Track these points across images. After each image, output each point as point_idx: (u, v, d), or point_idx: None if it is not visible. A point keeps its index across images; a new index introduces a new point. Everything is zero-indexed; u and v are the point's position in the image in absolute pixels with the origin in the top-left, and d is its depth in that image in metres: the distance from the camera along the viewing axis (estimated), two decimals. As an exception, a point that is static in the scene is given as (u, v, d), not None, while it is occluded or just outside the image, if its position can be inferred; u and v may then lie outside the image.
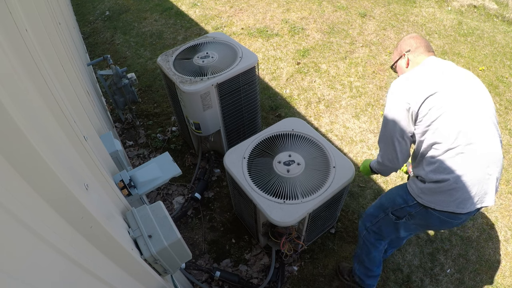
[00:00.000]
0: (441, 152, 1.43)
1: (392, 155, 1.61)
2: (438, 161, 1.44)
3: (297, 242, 2.02)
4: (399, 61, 1.73)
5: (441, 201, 1.46)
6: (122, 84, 2.79)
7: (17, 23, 0.81)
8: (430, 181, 1.48)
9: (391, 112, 1.54)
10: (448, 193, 1.43)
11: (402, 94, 1.51)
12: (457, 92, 1.44)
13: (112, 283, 0.89)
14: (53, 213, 0.67)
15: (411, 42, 1.68)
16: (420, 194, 1.53)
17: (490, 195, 1.45)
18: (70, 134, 0.95)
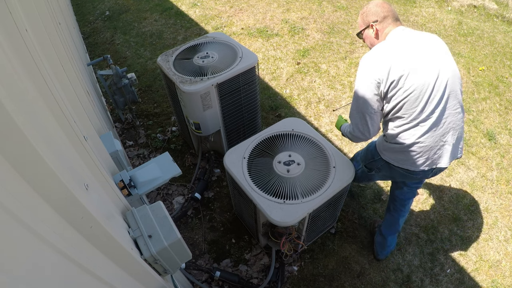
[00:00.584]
0: (403, 123, 1.61)
1: (364, 128, 1.72)
2: (399, 129, 1.64)
3: (297, 242, 2.02)
4: (366, 30, 1.74)
5: (398, 159, 1.72)
6: (122, 84, 2.79)
7: (17, 23, 0.81)
8: (390, 142, 1.70)
9: (362, 89, 1.62)
10: (404, 154, 1.67)
11: (372, 71, 1.58)
12: (424, 71, 1.53)
13: (112, 283, 0.89)
14: (53, 213, 0.67)
15: (377, 11, 1.67)
16: (383, 151, 1.77)
17: (444, 158, 1.67)
18: (70, 134, 0.95)
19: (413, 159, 1.66)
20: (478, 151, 2.99)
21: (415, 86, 1.52)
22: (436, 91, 1.54)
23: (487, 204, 2.64)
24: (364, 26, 1.74)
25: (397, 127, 1.64)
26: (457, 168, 2.87)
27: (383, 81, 1.55)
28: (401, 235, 2.48)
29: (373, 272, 2.31)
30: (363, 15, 1.73)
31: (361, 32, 1.78)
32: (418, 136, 1.60)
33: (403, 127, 1.62)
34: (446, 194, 2.71)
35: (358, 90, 1.63)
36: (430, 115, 1.56)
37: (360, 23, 1.76)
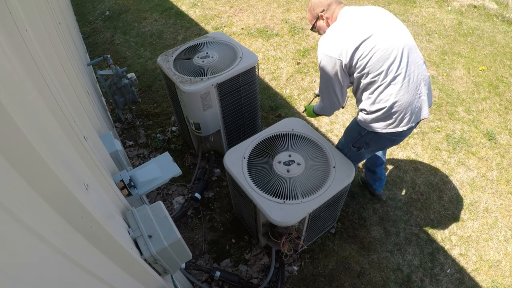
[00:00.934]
0: (376, 86, 1.68)
1: (334, 99, 1.85)
2: (374, 95, 1.70)
3: (297, 242, 2.02)
4: (317, 23, 1.86)
5: (385, 124, 1.76)
6: (122, 84, 2.79)
7: (17, 23, 0.81)
8: (371, 112, 1.75)
9: (326, 70, 1.73)
10: (388, 117, 1.73)
11: (331, 51, 1.67)
12: (380, 33, 1.63)
13: (112, 283, 0.89)
14: (53, 213, 0.67)
15: (321, 2, 1.79)
16: (368, 124, 1.82)
17: (424, 109, 1.77)
18: (70, 134, 0.95)
19: (400, 119, 1.73)
20: (478, 151, 2.99)
21: (375, 48, 1.61)
22: (396, 49, 1.63)
23: (487, 204, 2.64)
24: (314, 20, 1.87)
25: (372, 93, 1.71)
26: (457, 168, 2.87)
27: (343, 55, 1.65)
28: (401, 235, 2.48)
29: (373, 272, 2.31)
30: (310, 10, 1.86)
31: (313, 26, 1.90)
32: (395, 94, 1.66)
33: (378, 91, 1.69)
34: (446, 194, 2.71)
35: (323, 71, 1.75)
36: (398, 71, 1.64)
37: (310, 18, 1.89)
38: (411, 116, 1.73)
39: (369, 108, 1.76)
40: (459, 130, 3.14)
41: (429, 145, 3.04)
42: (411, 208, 2.62)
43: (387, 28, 1.65)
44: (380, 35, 1.62)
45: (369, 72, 1.65)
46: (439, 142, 3.06)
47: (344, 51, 1.64)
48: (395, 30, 1.66)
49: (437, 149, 3.01)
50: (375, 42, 1.61)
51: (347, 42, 1.63)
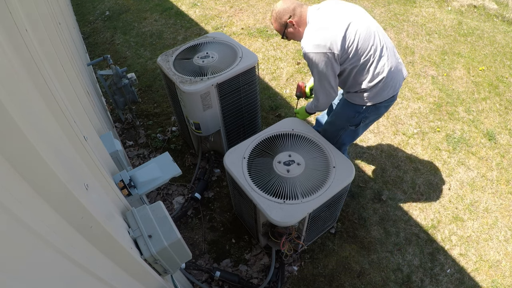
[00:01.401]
0: (370, 63, 1.83)
1: (330, 91, 1.93)
2: (371, 71, 1.85)
3: (297, 242, 2.02)
4: (287, 30, 1.91)
5: (385, 94, 1.93)
6: (122, 84, 2.79)
7: (17, 23, 0.81)
8: (372, 87, 1.89)
9: (320, 66, 1.80)
10: (387, 85, 1.90)
11: (320, 47, 1.75)
12: (355, 20, 1.78)
13: (112, 283, 0.89)
14: (53, 213, 0.67)
15: (286, 8, 1.85)
16: (368, 100, 1.95)
17: (403, 69, 2.01)
18: (70, 134, 0.95)
19: (394, 83, 1.93)
20: (478, 151, 2.99)
21: (358, 31, 1.77)
22: (370, 26, 1.82)
23: (487, 204, 2.64)
24: (283, 28, 1.91)
25: (368, 70, 1.86)
26: (457, 168, 2.87)
27: (334, 47, 1.75)
28: (401, 235, 2.48)
29: (373, 272, 2.31)
30: (277, 20, 1.90)
31: (283, 34, 1.95)
32: (387, 64, 1.86)
33: (373, 66, 1.85)
34: (446, 194, 2.71)
35: (317, 69, 1.83)
36: (380, 44, 1.84)
37: (278, 28, 1.94)
38: (398, 79, 1.95)
39: (368, 85, 1.89)
40: (459, 130, 3.14)
41: (429, 145, 3.04)
42: (411, 208, 2.62)
43: (356, 13, 1.83)
44: (356, 20, 1.79)
45: (362, 53, 1.80)
46: (439, 142, 3.06)
47: (333, 43, 1.75)
48: (360, 13, 1.86)
49: (437, 149, 3.01)
50: (356, 27, 1.77)
51: (332, 34, 1.75)
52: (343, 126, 2.16)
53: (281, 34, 1.97)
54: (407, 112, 3.30)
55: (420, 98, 3.44)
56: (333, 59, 1.78)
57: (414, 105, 3.37)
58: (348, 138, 2.23)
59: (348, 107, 2.06)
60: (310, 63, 1.84)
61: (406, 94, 3.47)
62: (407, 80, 3.62)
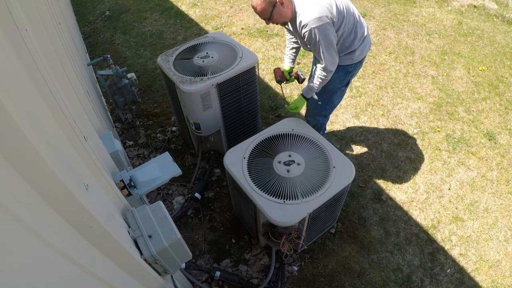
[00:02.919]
0: (355, 25, 2.06)
1: (335, 56, 2.05)
2: (356, 31, 2.08)
3: (297, 242, 2.02)
4: (274, 10, 1.90)
5: (367, 48, 2.22)
6: (122, 84, 2.79)
7: (17, 23, 0.81)
8: (359, 45, 2.12)
9: (327, 36, 1.91)
10: (368, 40, 2.20)
11: (322, 19, 1.87)
12: None
13: (112, 283, 0.89)
14: (53, 213, 0.67)
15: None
16: (356, 57, 2.17)
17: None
18: (70, 134, 0.95)
19: (369, 37, 2.22)
20: (478, 151, 2.99)
21: (339, 1, 1.97)
22: None
23: (487, 204, 2.64)
24: (271, 9, 1.90)
25: (355, 31, 2.07)
26: (457, 168, 2.87)
27: (330, 15, 1.90)
28: (401, 235, 2.48)
29: (373, 272, 2.31)
30: (264, 1, 1.88)
31: (270, 16, 1.93)
32: (363, 22, 2.14)
33: (356, 27, 2.06)
34: (446, 194, 2.71)
35: (325, 39, 1.93)
36: (353, 7, 2.08)
37: (265, 8, 1.90)
38: (368, 34, 2.21)
39: (357, 44, 2.11)
40: (459, 130, 3.14)
41: (429, 145, 3.04)
42: (411, 208, 2.62)
43: None
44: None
45: (349, 18, 2.00)
46: (439, 142, 3.06)
47: (330, 13, 1.90)
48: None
49: (437, 149, 3.01)
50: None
51: (327, 5, 1.90)
52: (336, 90, 2.33)
53: (266, 16, 1.94)
54: (407, 112, 3.30)
55: (420, 98, 3.44)
56: (332, 26, 1.93)
57: (414, 105, 3.37)
58: (338, 100, 2.46)
59: (338, 70, 2.18)
60: (315, 37, 1.92)
61: (406, 94, 3.47)
62: (407, 80, 3.62)
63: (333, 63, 2.07)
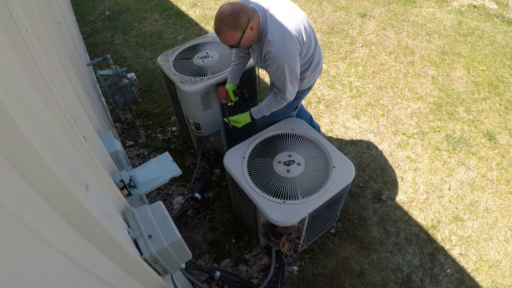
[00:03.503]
0: (311, 53, 1.97)
1: (295, 89, 1.96)
2: (313, 60, 2.00)
3: (297, 242, 2.02)
4: (244, 36, 1.70)
5: (318, 74, 2.16)
6: (122, 84, 2.79)
7: (17, 23, 0.81)
8: (309, 74, 2.05)
9: (293, 67, 1.81)
10: (321, 67, 2.15)
11: (293, 48, 1.76)
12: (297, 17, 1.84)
13: (112, 283, 0.89)
14: (53, 213, 0.67)
15: (243, 10, 1.65)
16: (304, 85, 2.11)
17: None
18: (70, 134, 0.95)
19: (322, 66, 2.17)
20: (478, 151, 2.99)
21: (303, 25, 1.84)
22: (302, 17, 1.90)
23: (487, 204, 2.64)
24: (240, 34, 1.69)
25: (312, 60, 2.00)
26: (457, 168, 2.87)
27: (300, 46, 1.80)
28: (401, 235, 2.48)
29: (373, 272, 2.31)
30: (234, 24, 1.65)
31: (239, 43, 1.72)
32: (318, 48, 2.07)
33: (312, 58, 1.99)
34: (446, 194, 2.71)
35: (291, 70, 1.82)
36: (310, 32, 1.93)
37: (234, 33, 1.68)
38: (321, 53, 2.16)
39: (309, 73, 2.03)
40: (459, 130, 3.14)
41: (429, 145, 3.04)
42: (411, 208, 2.62)
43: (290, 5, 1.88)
44: (296, 13, 1.84)
45: (310, 48, 1.91)
46: (439, 142, 3.06)
47: (299, 43, 1.79)
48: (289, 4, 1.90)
49: (437, 149, 3.01)
50: (301, 22, 1.82)
51: (297, 34, 1.77)
52: (284, 116, 2.24)
53: (234, 43, 1.73)
54: (407, 112, 3.30)
55: (420, 98, 3.44)
56: (299, 55, 1.85)
57: (414, 105, 3.37)
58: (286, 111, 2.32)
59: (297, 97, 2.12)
60: (282, 69, 1.78)
61: (406, 94, 3.47)
62: (407, 80, 3.62)
63: (293, 94, 1.97)
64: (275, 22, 1.74)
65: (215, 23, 1.69)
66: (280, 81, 1.86)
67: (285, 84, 1.87)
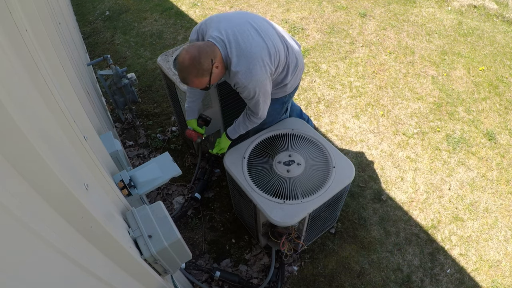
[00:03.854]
0: (286, 63, 1.87)
1: (266, 110, 1.90)
2: (289, 68, 1.91)
3: (297, 242, 2.02)
4: (212, 77, 1.63)
5: (300, 74, 2.07)
6: (122, 84, 2.78)
7: (17, 23, 0.81)
8: (291, 79, 1.96)
9: (265, 90, 1.74)
10: (301, 68, 2.04)
11: (262, 74, 1.67)
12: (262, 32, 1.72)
13: (112, 283, 0.89)
14: (53, 213, 0.67)
15: (204, 53, 1.56)
16: (289, 89, 2.04)
17: (296, 42, 2.03)
18: (70, 134, 0.95)
19: (302, 62, 2.05)
20: (478, 151, 2.99)
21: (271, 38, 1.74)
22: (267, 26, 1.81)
23: (487, 204, 2.64)
24: (208, 76, 1.62)
25: (288, 68, 1.91)
26: (457, 168, 2.87)
27: (270, 68, 1.72)
28: (401, 235, 2.48)
29: (373, 272, 2.31)
30: (199, 70, 1.58)
31: (210, 83, 1.66)
32: (295, 51, 1.94)
33: (287, 65, 1.89)
34: (446, 194, 2.71)
35: (263, 94, 1.75)
36: (282, 40, 1.85)
37: (203, 79, 1.62)
38: (300, 53, 2.06)
39: (289, 78, 1.95)
40: (459, 130, 3.14)
41: (429, 145, 3.04)
42: (411, 208, 2.62)
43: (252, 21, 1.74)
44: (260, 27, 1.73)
45: (281, 58, 1.80)
46: (439, 142, 3.06)
47: (268, 65, 1.69)
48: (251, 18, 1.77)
49: (437, 149, 3.01)
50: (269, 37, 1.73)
51: (263, 57, 1.66)
52: (276, 121, 2.22)
53: (205, 85, 1.65)
54: (407, 112, 3.30)
55: (420, 98, 3.44)
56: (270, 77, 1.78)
57: (414, 105, 3.37)
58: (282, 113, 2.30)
59: (273, 102, 2.04)
60: (254, 94, 1.71)
61: (406, 94, 3.47)
62: (407, 80, 3.62)
63: (266, 111, 1.92)
64: (238, 49, 1.63)
65: (179, 74, 1.62)
66: (252, 103, 1.81)
67: (258, 106, 1.82)
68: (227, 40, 1.64)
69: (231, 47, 1.64)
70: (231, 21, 1.71)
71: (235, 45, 1.64)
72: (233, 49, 1.64)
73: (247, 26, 1.70)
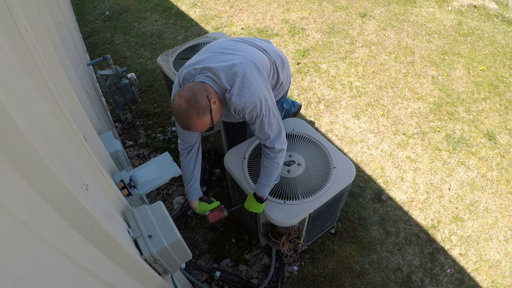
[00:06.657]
0: (270, 65, 1.79)
1: (282, 125, 1.71)
2: (279, 75, 1.87)
3: (297, 242, 2.02)
4: (213, 113, 1.52)
5: (289, 74, 2.06)
6: (122, 84, 2.78)
7: (17, 23, 0.81)
8: (283, 80, 1.95)
9: (270, 108, 1.60)
10: (289, 69, 2.03)
11: (260, 92, 1.56)
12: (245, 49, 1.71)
13: (112, 283, 0.89)
14: (53, 213, 0.67)
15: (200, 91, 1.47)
16: (284, 88, 2.04)
17: None
18: (70, 134, 0.95)
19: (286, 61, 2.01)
20: (478, 151, 2.99)
21: (259, 56, 1.69)
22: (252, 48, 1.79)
23: (487, 204, 2.64)
24: (209, 114, 1.50)
25: (275, 68, 1.85)
26: (457, 168, 2.87)
27: (268, 84, 1.64)
28: (401, 235, 2.48)
29: (373, 272, 2.31)
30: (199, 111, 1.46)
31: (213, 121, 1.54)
32: (282, 56, 1.94)
33: (274, 66, 1.83)
34: (446, 194, 2.71)
35: (269, 112, 1.60)
36: (268, 52, 1.82)
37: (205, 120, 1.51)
38: None
39: (281, 81, 1.93)
40: (459, 130, 3.14)
41: (429, 145, 3.04)
42: (411, 208, 2.62)
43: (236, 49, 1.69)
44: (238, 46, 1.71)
45: (266, 64, 1.75)
46: (439, 142, 3.06)
47: (264, 82, 1.60)
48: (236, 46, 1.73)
49: (437, 149, 3.01)
50: (260, 57, 1.69)
51: (257, 76, 1.58)
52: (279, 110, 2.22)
53: (209, 124, 1.54)
54: (407, 112, 3.30)
55: (420, 98, 3.44)
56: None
57: (414, 105, 3.37)
58: None
59: None
60: (259, 113, 1.58)
61: (406, 94, 3.47)
62: (407, 80, 3.62)
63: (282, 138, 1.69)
64: (226, 74, 1.55)
65: (179, 121, 1.48)
66: (260, 126, 1.62)
67: (271, 124, 1.63)
68: (211, 73, 1.55)
69: (219, 77, 1.54)
70: (201, 61, 1.63)
71: (222, 72, 1.54)
72: (221, 75, 1.54)
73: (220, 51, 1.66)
